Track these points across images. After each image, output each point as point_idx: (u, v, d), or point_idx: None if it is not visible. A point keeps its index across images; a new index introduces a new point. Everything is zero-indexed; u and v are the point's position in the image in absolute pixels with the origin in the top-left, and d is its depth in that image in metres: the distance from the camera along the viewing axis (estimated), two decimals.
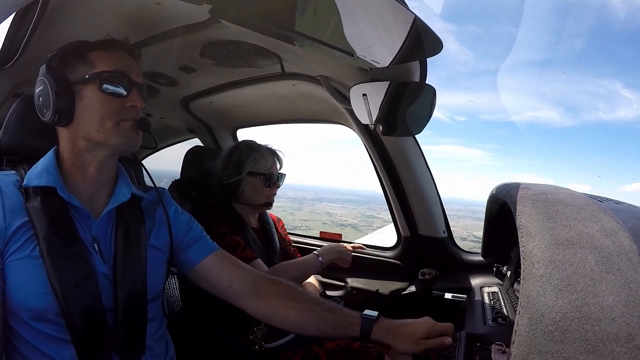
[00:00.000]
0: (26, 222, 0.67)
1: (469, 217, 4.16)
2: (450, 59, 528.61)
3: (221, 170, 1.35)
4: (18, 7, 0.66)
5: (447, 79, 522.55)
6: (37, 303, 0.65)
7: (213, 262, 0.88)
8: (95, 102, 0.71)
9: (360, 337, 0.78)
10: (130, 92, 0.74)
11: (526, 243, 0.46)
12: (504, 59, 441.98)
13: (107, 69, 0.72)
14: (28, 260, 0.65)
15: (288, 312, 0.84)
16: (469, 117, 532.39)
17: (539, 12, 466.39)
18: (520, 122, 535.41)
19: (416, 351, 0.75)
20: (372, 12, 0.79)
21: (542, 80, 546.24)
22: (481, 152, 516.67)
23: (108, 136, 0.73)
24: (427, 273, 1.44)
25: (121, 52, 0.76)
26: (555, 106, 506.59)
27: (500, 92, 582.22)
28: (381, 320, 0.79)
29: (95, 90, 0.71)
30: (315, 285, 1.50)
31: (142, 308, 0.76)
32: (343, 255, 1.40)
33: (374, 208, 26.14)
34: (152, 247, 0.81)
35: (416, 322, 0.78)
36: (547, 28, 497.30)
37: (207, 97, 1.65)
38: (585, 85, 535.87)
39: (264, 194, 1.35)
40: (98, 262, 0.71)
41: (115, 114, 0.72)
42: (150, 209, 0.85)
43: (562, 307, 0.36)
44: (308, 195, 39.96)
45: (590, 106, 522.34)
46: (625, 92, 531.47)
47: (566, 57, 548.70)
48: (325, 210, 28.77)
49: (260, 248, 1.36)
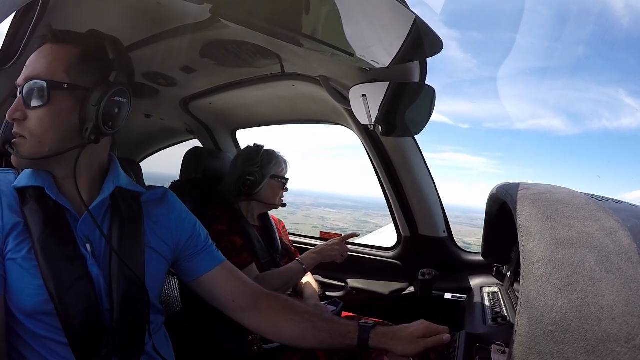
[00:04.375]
0: (21, 223, 0.66)
1: (465, 223, 4.16)
2: (452, 65, 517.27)
3: (243, 169, 1.39)
4: (18, 7, 0.66)
5: (451, 86, 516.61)
6: (32, 304, 0.65)
7: (218, 275, 0.86)
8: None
9: (358, 345, 0.78)
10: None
11: (526, 243, 0.46)
12: (507, 67, 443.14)
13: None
14: (23, 261, 0.65)
15: (287, 324, 0.84)
16: (472, 124, 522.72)
17: (541, 19, 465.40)
18: (524, 130, 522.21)
19: (416, 351, 0.75)
20: (372, 12, 0.79)
21: (546, 88, 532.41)
22: (485, 160, 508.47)
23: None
24: (427, 273, 1.44)
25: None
26: (559, 114, 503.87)
27: (504, 100, 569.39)
28: (377, 328, 0.80)
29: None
30: (315, 287, 1.50)
31: (140, 309, 0.74)
32: (326, 254, 1.38)
33: (370, 214, 26.27)
34: (150, 248, 0.78)
35: (412, 325, 0.79)
36: (549, 35, 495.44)
37: (206, 97, 1.65)
38: (588, 93, 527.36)
39: (278, 196, 1.46)
40: (91, 262, 0.69)
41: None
42: (151, 208, 0.82)
43: (562, 307, 0.36)
44: (307, 201, 39.90)
45: (593, 114, 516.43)
46: (629, 100, 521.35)
47: (569, 64, 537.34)
48: (320, 215, 28.82)
49: (263, 247, 1.37)
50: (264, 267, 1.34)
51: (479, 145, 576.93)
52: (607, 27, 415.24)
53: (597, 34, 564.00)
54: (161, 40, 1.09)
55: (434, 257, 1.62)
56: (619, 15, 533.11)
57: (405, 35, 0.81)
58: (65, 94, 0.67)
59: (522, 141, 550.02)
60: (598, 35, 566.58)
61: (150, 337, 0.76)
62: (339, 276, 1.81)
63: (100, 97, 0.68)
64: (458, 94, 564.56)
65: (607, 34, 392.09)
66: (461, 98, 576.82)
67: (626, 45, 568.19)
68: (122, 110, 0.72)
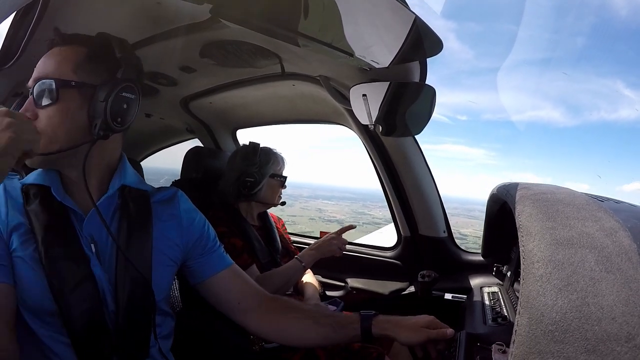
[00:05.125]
0: (25, 223, 0.67)
1: (462, 215, 4.13)
2: (451, 57, 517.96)
3: (241, 170, 1.38)
4: (18, 7, 0.66)
5: (449, 78, 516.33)
6: (37, 302, 0.65)
7: (226, 277, 0.85)
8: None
9: (362, 335, 0.78)
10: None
11: (526, 243, 0.46)
12: (505, 58, 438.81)
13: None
14: (29, 260, 0.65)
15: (289, 323, 0.84)
16: (470, 116, 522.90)
17: (540, 9, 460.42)
18: (522, 121, 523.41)
19: (419, 340, 0.74)
20: (372, 12, 0.79)
21: (544, 79, 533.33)
22: (484, 152, 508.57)
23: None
24: (427, 275, 1.44)
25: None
26: (558, 105, 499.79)
27: (502, 91, 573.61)
28: (379, 316, 0.80)
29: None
30: (315, 286, 1.50)
31: (145, 311, 0.73)
32: (326, 250, 1.37)
33: (367, 205, 26.19)
34: (158, 250, 0.77)
35: (416, 316, 0.79)
36: (548, 26, 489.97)
37: (207, 97, 1.65)
38: (587, 84, 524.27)
39: (277, 194, 1.46)
40: (94, 263, 0.69)
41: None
42: (161, 209, 0.81)
43: (562, 306, 0.36)
44: (304, 193, 39.63)
45: (592, 106, 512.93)
46: (627, 92, 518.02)
47: (568, 55, 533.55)
48: (317, 207, 28.61)
49: (263, 247, 1.37)
50: (264, 267, 1.34)
51: (477, 137, 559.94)
52: (606, 18, 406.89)
53: (596, 26, 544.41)
54: (161, 40, 1.09)
55: (434, 257, 1.62)
56: (618, 7, 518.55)
57: (405, 35, 0.81)
58: (73, 92, 0.68)
59: (521, 133, 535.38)
60: (597, 27, 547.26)
61: (157, 340, 0.76)
62: (339, 276, 1.81)
63: (107, 93, 0.68)
64: (456, 86, 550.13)
65: (607, 25, 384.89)
66: (460, 89, 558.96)
67: (625, 37, 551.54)
68: (130, 106, 0.72)
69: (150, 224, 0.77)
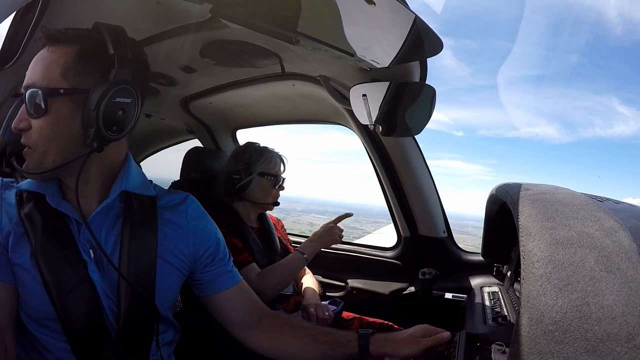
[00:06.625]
0: (20, 228, 0.66)
1: (456, 230, 4.19)
2: (447, 74, 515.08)
3: (230, 168, 1.37)
4: (18, 7, 0.66)
5: (445, 94, 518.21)
6: (34, 308, 0.65)
7: (233, 294, 0.83)
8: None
9: (360, 353, 0.79)
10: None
11: (526, 243, 0.46)
12: (500, 75, 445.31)
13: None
14: (25, 265, 0.64)
15: (288, 341, 0.83)
16: (467, 132, 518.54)
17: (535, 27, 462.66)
18: (518, 138, 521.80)
19: (418, 351, 0.76)
20: (372, 12, 0.79)
21: (540, 96, 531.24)
22: (480, 167, 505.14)
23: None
24: (428, 272, 1.44)
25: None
26: (553, 122, 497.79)
27: (498, 108, 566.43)
28: (376, 334, 0.80)
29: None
30: (315, 289, 1.49)
31: (146, 318, 0.71)
32: (327, 239, 1.36)
33: (359, 220, 26.56)
34: (162, 259, 0.73)
35: (410, 328, 0.81)
36: (543, 44, 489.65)
37: (207, 97, 1.65)
38: (582, 101, 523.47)
39: (271, 194, 1.40)
40: (92, 269, 0.67)
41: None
42: (168, 214, 0.77)
43: (562, 306, 0.36)
44: (298, 207, 39.82)
45: (587, 122, 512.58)
46: (622, 109, 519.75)
47: (563, 72, 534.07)
48: (309, 221, 28.87)
49: (261, 248, 1.36)
50: (262, 268, 1.33)
51: (474, 153, 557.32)
52: (601, 35, 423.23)
53: (591, 43, 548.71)
54: (161, 40, 1.09)
55: (434, 257, 1.62)
56: (613, 24, 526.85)
57: (405, 35, 0.81)
58: (64, 100, 0.62)
59: (517, 149, 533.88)
60: (592, 44, 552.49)
61: (158, 349, 0.74)
62: (339, 276, 1.81)
63: (98, 99, 0.61)
64: (452, 102, 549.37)
65: (601, 42, 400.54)
66: (456, 106, 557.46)
67: (620, 54, 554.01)
68: (127, 111, 0.65)
69: (155, 231, 0.73)
